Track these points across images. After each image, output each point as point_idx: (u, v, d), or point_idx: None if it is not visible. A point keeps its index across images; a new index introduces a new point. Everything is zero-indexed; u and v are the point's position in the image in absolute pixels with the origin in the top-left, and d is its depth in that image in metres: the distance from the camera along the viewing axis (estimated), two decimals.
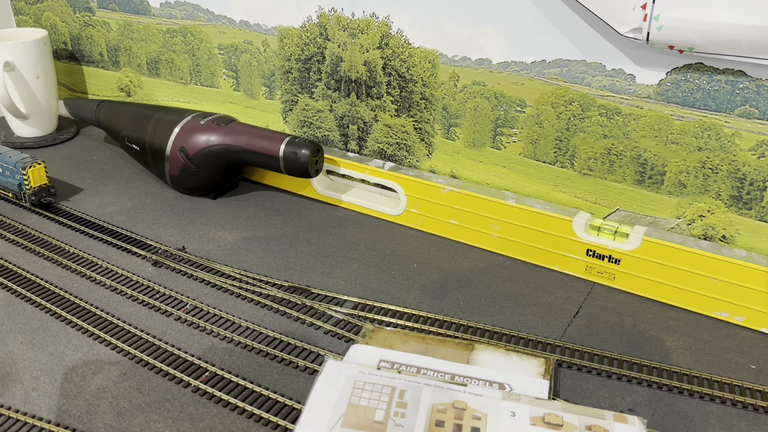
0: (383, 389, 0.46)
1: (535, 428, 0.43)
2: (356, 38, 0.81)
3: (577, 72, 0.69)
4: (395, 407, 0.45)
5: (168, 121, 0.85)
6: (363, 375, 0.47)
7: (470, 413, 0.44)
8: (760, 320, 0.63)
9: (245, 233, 0.78)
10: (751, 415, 0.53)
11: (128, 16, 1.00)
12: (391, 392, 0.46)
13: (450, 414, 0.44)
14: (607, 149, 0.71)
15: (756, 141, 0.63)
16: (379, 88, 0.82)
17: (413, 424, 0.43)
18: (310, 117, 0.89)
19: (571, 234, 0.70)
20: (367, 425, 0.43)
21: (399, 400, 0.45)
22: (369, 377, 0.47)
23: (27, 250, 0.74)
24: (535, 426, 0.43)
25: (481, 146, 0.79)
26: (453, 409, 0.44)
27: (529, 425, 0.43)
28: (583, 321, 0.64)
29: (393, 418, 0.44)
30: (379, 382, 0.47)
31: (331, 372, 0.48)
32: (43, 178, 0.81)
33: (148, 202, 0.85)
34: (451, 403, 0.44)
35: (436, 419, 0.44)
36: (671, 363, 0.58)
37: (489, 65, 0.74)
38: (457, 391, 0.46)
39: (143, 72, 1.04)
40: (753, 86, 0.61)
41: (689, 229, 0.69)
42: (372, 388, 0.46)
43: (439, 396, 0.45)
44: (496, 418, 0.44)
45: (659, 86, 0.65)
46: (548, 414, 0.44)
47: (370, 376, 0.47)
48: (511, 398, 0.46)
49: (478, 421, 0.43)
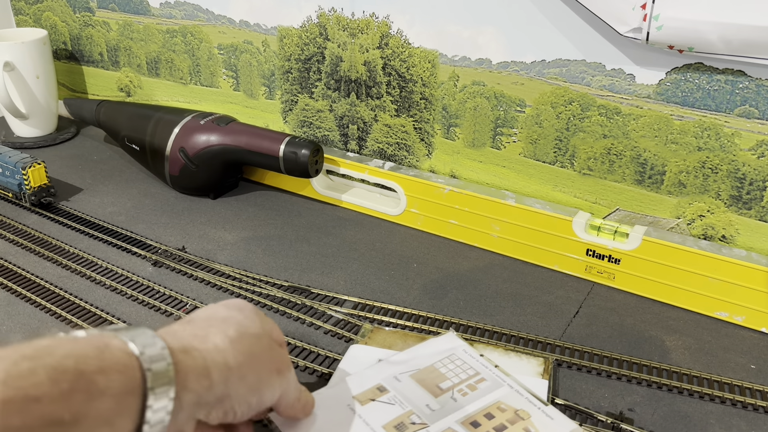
0: (468, 369, 0.48)
1: None
2: (356, 38, 0.81)
3: (576, 72, 0.69)
4: (464, 386, 0.46)
5: (168, 121, 0.85)
6: (462, 353, 0.49)
7: (525, 425, 0.44)
8: (759, 320, 0.63)
9: (245, 233, 0.78)
10: (751, 415, 0.53)
11: (128, 16, 1.00)
12: (472, 375, 0.47)
13: (506, 415, 0.44)
14: (606, 149, 0.71)
15: (756, 141, 0.63)
16: (379, 88, 0.82)
17: (467, 404, 0.44)
18: (310, 117, 0.89)
19: (571, 234, 0.70)
20: (429, 385, 0.45)
21: (472, 383, 0.46)
22: (466, 356, 0.49)
23: (27, 250, 0.74)
24: None
25: (480, 146, 0.79)
26: (512, 413, 0.45)
27: None
28: (583, 321, 0.64)
29: (454, 392, 0.45)
30: (470, 364, 0.48)
31: (445, 340, 0.51)
32: (43, 178, 0.81)
33: (148, 202, 0.85)
34: (515, 409, 0.45)
35: (489, 411, 0.44)
36: (671, 363, 0.58)
37: (489, 65, 0.74)
38: (532, 404, 0.46)
39: (143, 72, 1.04)
40: (753, 86, 0.61)
41: (689, 228, 0.69)
42: (460, 365, 0.48)
43: (512, 399, 0.46)
44: None
45: (659, 86, 0.65)
46: None
47: (468, 356, 0.49)
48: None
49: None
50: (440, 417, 0.43)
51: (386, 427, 0.42)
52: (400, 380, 0.46)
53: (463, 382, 0.46)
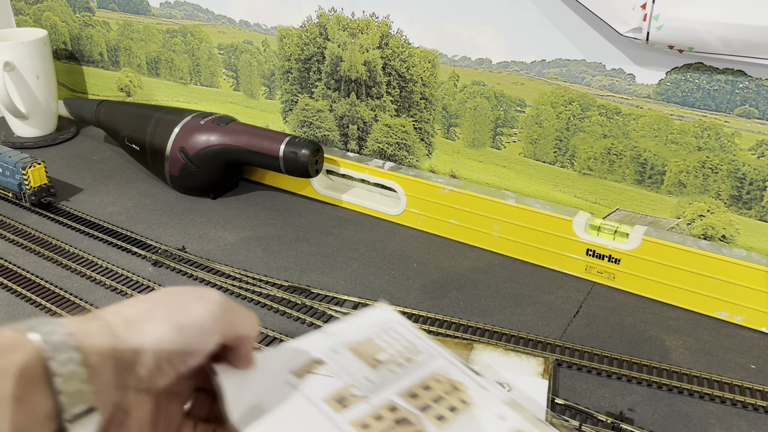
0: (404, 342, 0.47)
1: None
2: (356, 38, 0.81)
3: (576, 72, 0.69)
4: (401, 359, 0.45)
5: (168, 121, 0.85)
6: (398, 325, 0.48)
7: (460, 395, 0.43)
8: (760, 320, 0.63)
9: (245, 233, 0.78)
10: (751, 415, 0.53)
11: (128, 16, 1.00)
12: (408, 346, 0.46)
13: (443, 386, 0.44)
14: (606, 149, 0.71)
15: (756, 141, 0.63)
16: (379, 87, 0.82)
17: (404, 376, 0.44)
18: (310, 117, 0.89)
19: (571, 234, 0.70)
20: (367, 357, 0.45)
21: (409, 355, 0.46)
22: (402, 329, 0.48)
23: (27, 250, 0.74)
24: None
25: (480, 146, 0.79)
26: (448, 384, 0.44)
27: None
28: (583, 321, 0.64)
29: (392, 365, 0.44)
30: (406, 336, 0.47)
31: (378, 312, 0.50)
32: (43, 178, 0.81)
33: (148, 202, 0.85)
34: (450, 380, 0.44)
35: (426, 383, 0.44)
36: (671, 363, 0.58)
37: (489, 65, 0.74)
38: (467, 376, 0.45)
39: (143, 72, 1.04)
40: (753, 86, 0.61)
41: (689, 228, 0.69)
42: (397, 337, 0.47)
43: (448, 371, 0.45)
44: (482, 411, 0.43)
45: (659, 86, 0.65)
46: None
47: (404, 328, 0.48)
48: (512, 406, 0.45)
49: (463, 404, 0.43)
50: (379, 389, 0.43)
51: (327, 400, 0.41)
52: (338, 352, 0.45)
53: (400, 354, 0.46)
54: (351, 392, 0.42)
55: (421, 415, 0.41)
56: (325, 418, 0.40)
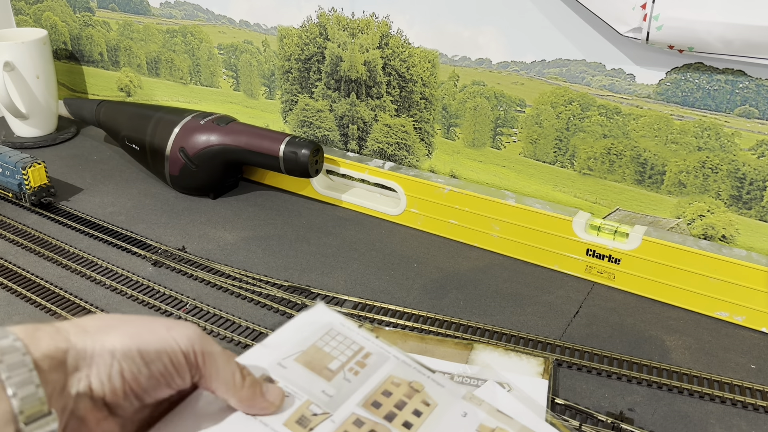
0: (352, 345, 0.45)
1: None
2: (356, 38, 0.81)
3: (576, 72, 0.69)
4: (353, 364, 0.44)
5: (168, 120, 0.85)
6: (341, 327, 0.46)
7: (422, 397, 0.42)
8: (760, 320, 0.63)
9: (245, 233, 0.78)
10: (751, 415, 0.53)
11: (128, 16, 1.00)
12: (357, 350, 0.45)
13: (402, 389, 0.42)
14: (606, 149, 0.71)
15: (756, 141, 0.63)
16: (379, 87, 0.82)
17: (361, 384, 0.42)
18: (310, 117, 0.89)
19: (571, 234, 0.70)
20: (318, 368, 0.43)
21: (360, 360, 0.44)
22: (345, 330, 0.46)
23: (27, 250, 0.74)
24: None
25: (480, 146, 0.79)
26: (407, 386, 0.43)
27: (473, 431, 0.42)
28: (583, 321, 0.64)
29: (345, 372, 0.43)
30: (352, 338, 0.46)
31: (316, 313, 0.48)
32: (43, 178, 0.81)
33: (148, 202, 0.85)
34: (408, 381, 0.43)
35: (385, 388, 0.42)
36: (671, 363, 0.58)
37: (489, 65, 0.74)
38: (420, 374, 0.44)
39: (143, 72, 1.04)
40: (753, 86, 0.61)
41: (689, 228, 0.69)
42: (342, 340, 0.45)
43: (401, 371, 0.44)
44: (445, 410, 0.42)
45: (659, 86, 0.65)
46: (500, 429, 0.42)
47: (347, 329, 0.46)
48: (472, 400, 0.44)
49: (426, 407, 0.42)
50: (340, 402, 0.41)
51: (288, 424, 0.39)
52: (286, 366, 0.42)
53: (351, 359, 0.44)
54: (311, 411, 0.39)
55: (388, 424, 0.40)
56: None
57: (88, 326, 0.33)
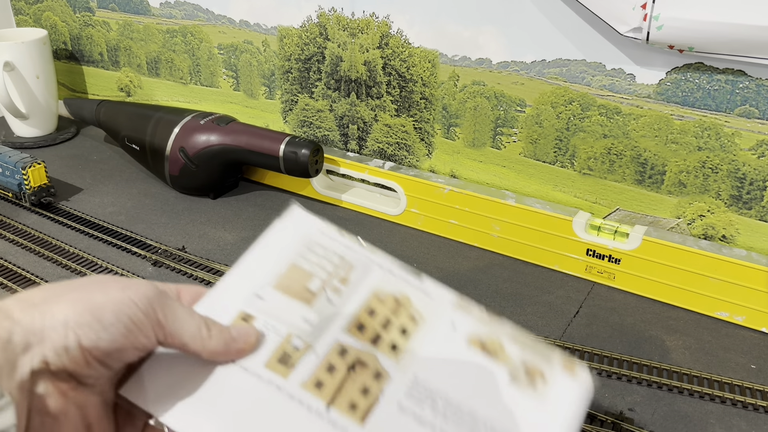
0: (332, 258, 0.40)
1: (469, 348, 0.38)
2: (356, 38, 0.81)
3: (577, 72, 0.69)
4: (335, 280, 0.39)
5: (168, 120, 0.85)
6: (320, 236, 0.41)
7: (408, 311, 0.39)
8: (760, 320, 0.63)
9: (245, 233, 0.78)
10: (751, 415, 0.53)
11: (128, 16, 1.00)
12: (339, 262, 0.40)
13: (387, 306, 0.39)
14: (607, 149, 0.71)
15: (756, 140, 0.63)
16: (379, 87, 0.82)
17: (344, 305, 0.38)
18: (310, 117, 0.89)
19: (571, 234, 0.69)
20: (298, 292, 0.39)
21: (342, 275, 0.40)
22: (324, 239, 0.41)
23: (27, 250, 0.74)
24: (470, 346, 0.38)
25: (481, 146, 0.79)
26: (393, 301, 0.39)
27: (464, 342, 0.39)
28: (583, 321, 0.64)
29: (327, 292, 0.39)
30: (333, 248, 0.41)
31: (291, 220, 0.43)
32: (43, 178, 0.81)
33: (148, 202, 0.85)
34: (393, 295, 0.40)
35: (370, 307, 0.39)
36: (671, 363, 0.58)
37: (489, 65, 0.74)
38: (407, 283, 0.41)
39: (143, 72, 1.03)
40: (753, 86, 0.61)
41: (689, 228, 0.69)
42: (322, 252, 0.41)
43: (387, 283, 0.40)
44: (433, 324, 0.39)
45: (659, 86, 0.65)
46: (489, 337, 0.39)
47: (327, 238, 0.41)
48: (461, 308, 0.40)
49: (412, 322, 0.39)
50: (322, 330, 0.37)
51: (269, 365, 0.36)
52: (264, 297, 0.38)
53: (332, 276, 0.40)
54: (292, 345, 0.36)
55: (374, 349, 0.37)
56: (274, 389, 0.35)
57: (34, 298, 0.31)
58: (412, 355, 0.37)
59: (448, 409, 0.36)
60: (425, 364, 0.37)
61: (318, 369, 0.36)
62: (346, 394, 0.35)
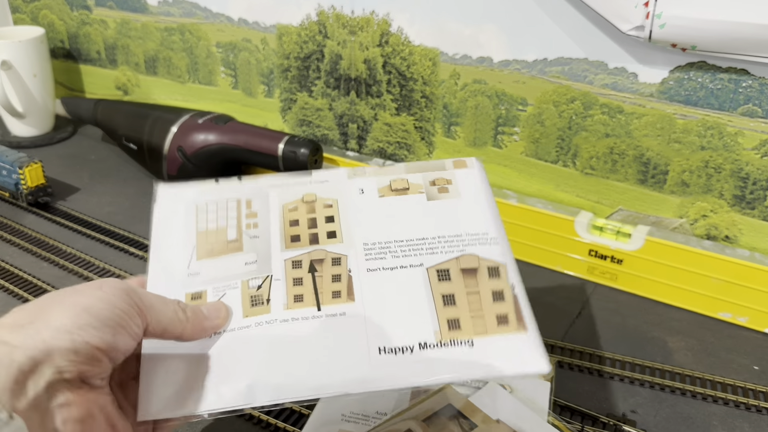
0: (228, 204, 0.43)
1: (385, 199, 0.43)
2: (356, 36, 0.80)
3: (579, 70, 0.69)
4: (246, 219, 0.42)
5: (165, 119, 0.84)
6: (203, 195, 0.43)
7: (321, 203, 0.43)
8: (763, 321, 0.62)
9: None
10: (754, 417, 0.53)
11: (126, 14, 1.00)
12: (237, 205, 0.43)
13: (302, 210, 0.42)
14: (609, 148, 0.70)
15: (759, 140, 0.62)
16: (379, 86, 0.81)
17: (268, 230, 0.41)
18: (309, 116, 0.89)
19: (573, 234, 0.69)
20: (221, 247, 0.41)
21: (248, 211, 0.42)
22: (210, 196, 0.44)
23: (24, 250, 0.73)
24: (384, 197, 0.43)
25: (482, 145, 0.78)
26: (303, 204, 0.43)
27: (378, 198, 0.43)
28: (585, 322, 0.63)
29: (246, 231, 0.41)
30: (222, 197, 0.43)
31: (166, 201, 0.45)
32: (40, 177, 0.81)
33: (146, 202, 0.84)
34: (300, 199, 0.43)
35: (289, 219, 0.42)
36: (674, 364, 0.58)
37: (490, 63, 0.73)
38: (303, 185, 0.44)
39: (141, 70, 1.03)
40: (756, 85, 0.61)
41: (692, 228, 0.69)
42: (216, 207, 0.43)
43: (287, 194, 0.43)
44: (346, 199, 0.43)
45: (662, 85, 0.65)
46: (394, 181, 0.44)
47: (210, 194, 0.44)
48: (357, 174, 0.45)
49: (330, 208, 0.42)
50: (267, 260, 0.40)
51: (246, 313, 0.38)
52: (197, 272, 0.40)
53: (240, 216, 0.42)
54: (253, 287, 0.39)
55: (317, 247, 0.40)
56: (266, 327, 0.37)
57: (19, 321, 0.32)
58: (348, 230, 0.41)
59: (400, 247, 0.41)
60: (362, 229, 0.42)
61: (288, 289, 0.39)
62: (325, 290, 0.39)
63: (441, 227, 0.42)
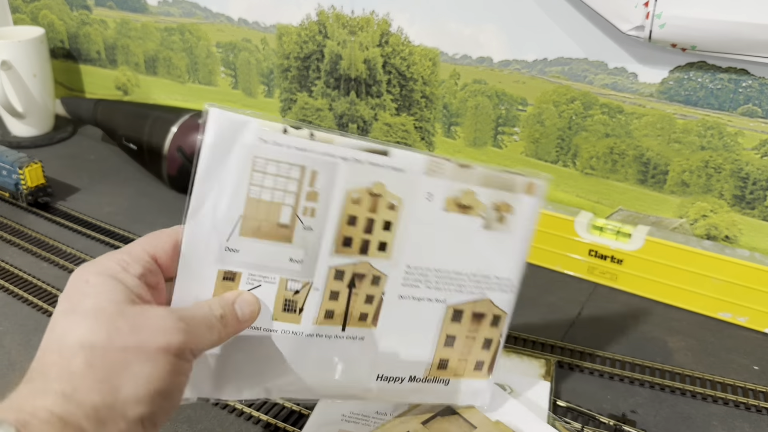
0: (291, 171, 0.36)
1: (448, 215, 0.40)
2: (356, 36, 0.80)
3: (579, 70, 0.69)
4: (304, 201, 0.36)
5: (165, 119, 0.84)
6: (264, 147, 0.35)
7: (385, 201, 0.38)
8: (763, 321, 0.62)
9: None
10: (754, 417, 0.53)
11: (125, 14, 1.00)
12: (300, 175, 0.36)
13: (364, 204, 0.37)
14: (609, 148, 0.70)
15: (759, 140, 0.62)
16: (379, 86, 0.81)
17: (323, 223, 0.36)
18: (309, 116, 0.89)
19: (573, 234, 0.69)
20: (270, 230, 0.35)
21: (309, 189, 0.36)
22: (272, 150, 0.35)
23: (23, 251, 0.73)
24: (448, 212, 0.40)
25: (482, 145, 0.78)
26: (368, 197, 0.37)
27: (442, 210, 0.40)
28: (585, 322, 0.63)
29: (301, 219, 0.36)
30: (286, 159, 0.36)
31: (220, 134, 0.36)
32: (40, 177, 0.81)
33: (145, 202, 0.84)
34: (367, 188, 0.37)
35: (349, 214, 0.37)
36: (674, 364, 0.58)
37: (490, 63, 0.73)
38: (376, 167, 0.37)
39: (141, 70, 1.03)
40: (756, 85, 0.61)
41: (692, 228, 0.69)
42: (276, 170, 0.35)
43: (356, 176, 0.37)
44: (411, 203, 0.39)
45: (662, 85, 0.65)
46: (464, 194, 0.40)
47: (272, 148, 0.35)
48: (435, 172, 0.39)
49: (392, 211, 0.38)
50: (313, 263, 0.36)
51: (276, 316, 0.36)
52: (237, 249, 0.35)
53: (299, 196, 0.36)
54: (290, 290, 0.37)
55: (365, 258, 0.38)
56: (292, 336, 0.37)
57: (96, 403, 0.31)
58: (400, 245, 0.39)
59: (437, 278, 0.40)
60: (412, 248, 0.40)
61: (323, 302, 0.38)
62: (355, 311, 0.39)
63: (479, 263, 0.42)
